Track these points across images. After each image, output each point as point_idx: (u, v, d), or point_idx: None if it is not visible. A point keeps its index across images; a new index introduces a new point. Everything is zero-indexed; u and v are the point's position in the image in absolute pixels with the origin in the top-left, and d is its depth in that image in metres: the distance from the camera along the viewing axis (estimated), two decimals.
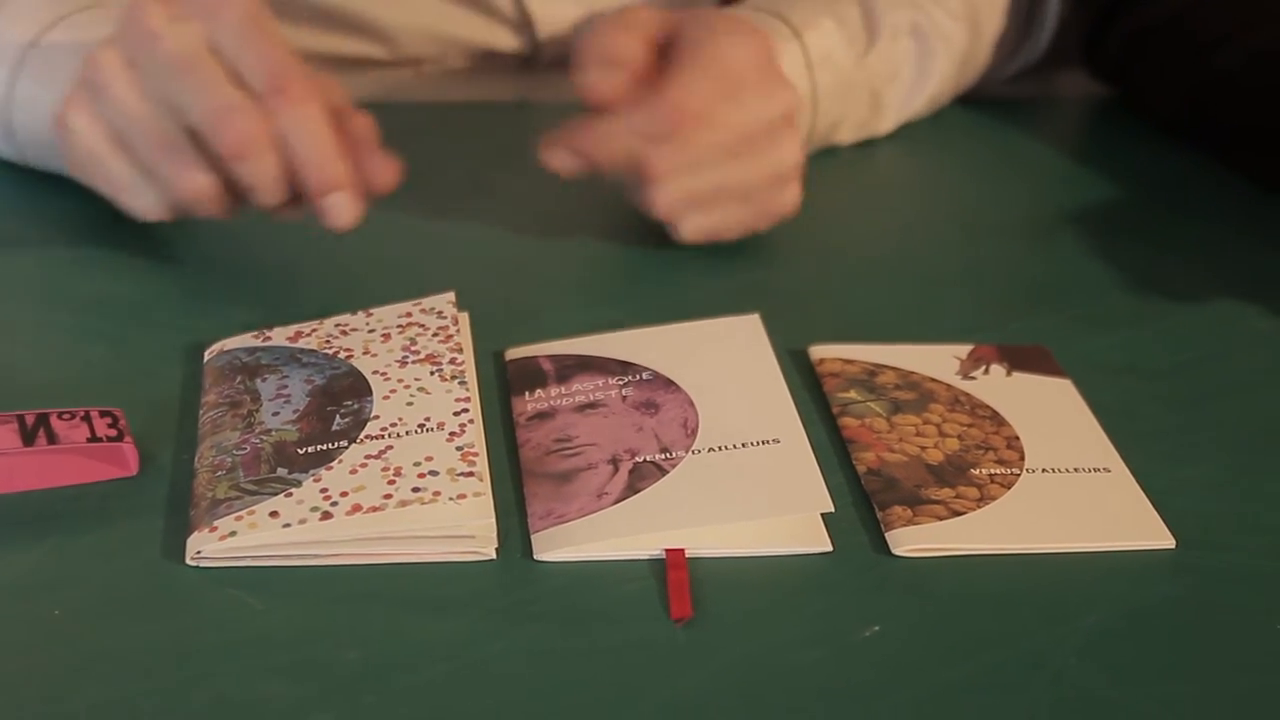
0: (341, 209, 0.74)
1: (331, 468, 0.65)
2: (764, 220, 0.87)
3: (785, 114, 0.85)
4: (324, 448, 0.66)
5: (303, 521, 0.63)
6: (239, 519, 0.63)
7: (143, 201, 0.77)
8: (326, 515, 0.63)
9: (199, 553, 0.62)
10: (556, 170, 0.83)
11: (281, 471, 0.65)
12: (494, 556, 0.64)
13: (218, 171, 0.75)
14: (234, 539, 0.62)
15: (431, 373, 0.71)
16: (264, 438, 0.67)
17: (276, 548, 0.63)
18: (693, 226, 0.86)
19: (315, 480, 0.65)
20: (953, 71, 1.04)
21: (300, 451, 0.66)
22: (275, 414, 0.69)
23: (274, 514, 0.63)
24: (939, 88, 1.04)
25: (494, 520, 0.64)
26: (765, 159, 0.85)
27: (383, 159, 0.77)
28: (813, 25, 0.95)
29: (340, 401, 0.69)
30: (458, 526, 0.64)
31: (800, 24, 0.94)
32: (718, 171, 0.84)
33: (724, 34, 0.82)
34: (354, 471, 0.65)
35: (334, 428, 0.68)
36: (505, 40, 1.08)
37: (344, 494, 0.64)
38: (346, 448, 0.66)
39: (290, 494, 0.64)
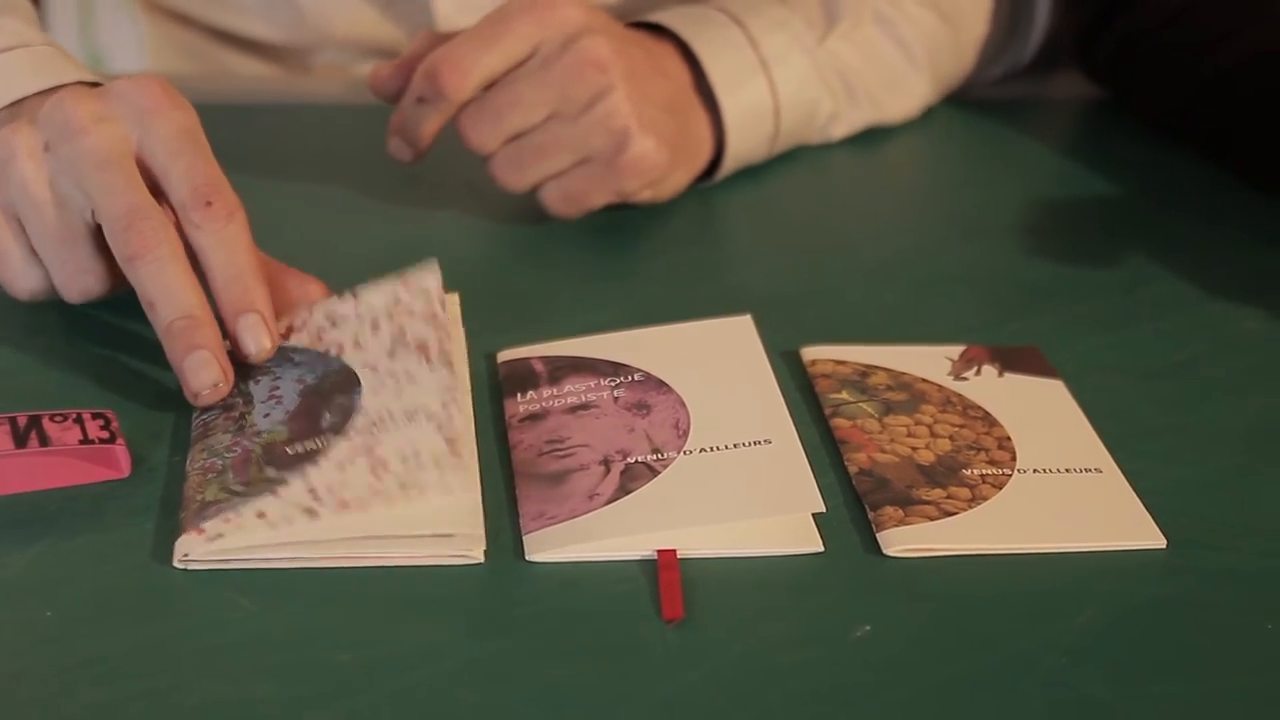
0: (255, 333, 0.71)
1: (318, 464, 0.65)
2: (625, 179, 0.87)
3: (567, 38, 0.85)
4: (312, 445, 0.66)
5: (289, 521, 0.63)
6: (226, 521, 0.63)
7: (23, 283, 0.75)
8: (312, 513, 0.63)
9: (186, 555, 0.62)
10: (396, 158, 0.89)
11: (270, 471, 0.65)
12: (482, 560, 0.64)
13: (112, 270, 0.73)
14: (221, 541, 0.62)
15: (419, 361, 0.71)
16: (255, 439, 0.67)
17: (265, 549, 0.63)
18: (547, 195, 0.87)
19: (303, 478, 0.65)
20: (930, 63, 1.02)
21: (289, 451, 0.66)
22: (266, 415, 0.69)
23: (261, 515, 0.63)
24: (920, 77, 1.02)
25: (482, 525, 0.65)
26: (574, 100, 0.84)
27: (306, 278, 0.76)
28: (756, 12, 0.94)
29: (330, 398, 0.69)
30: (447, 527, 0.64)
31: (741, 11, 0.94)
32: (522, 115, 0.85)
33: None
34: (340, 467, 0.65)
35: (322, 424, 0.68)
36: (405, 37, 1.09)
37: (329, 489, 0.64)
38: (333, 441, 0.66)
39: (276, 493, 0.64)
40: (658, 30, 0.92)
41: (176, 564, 0.63)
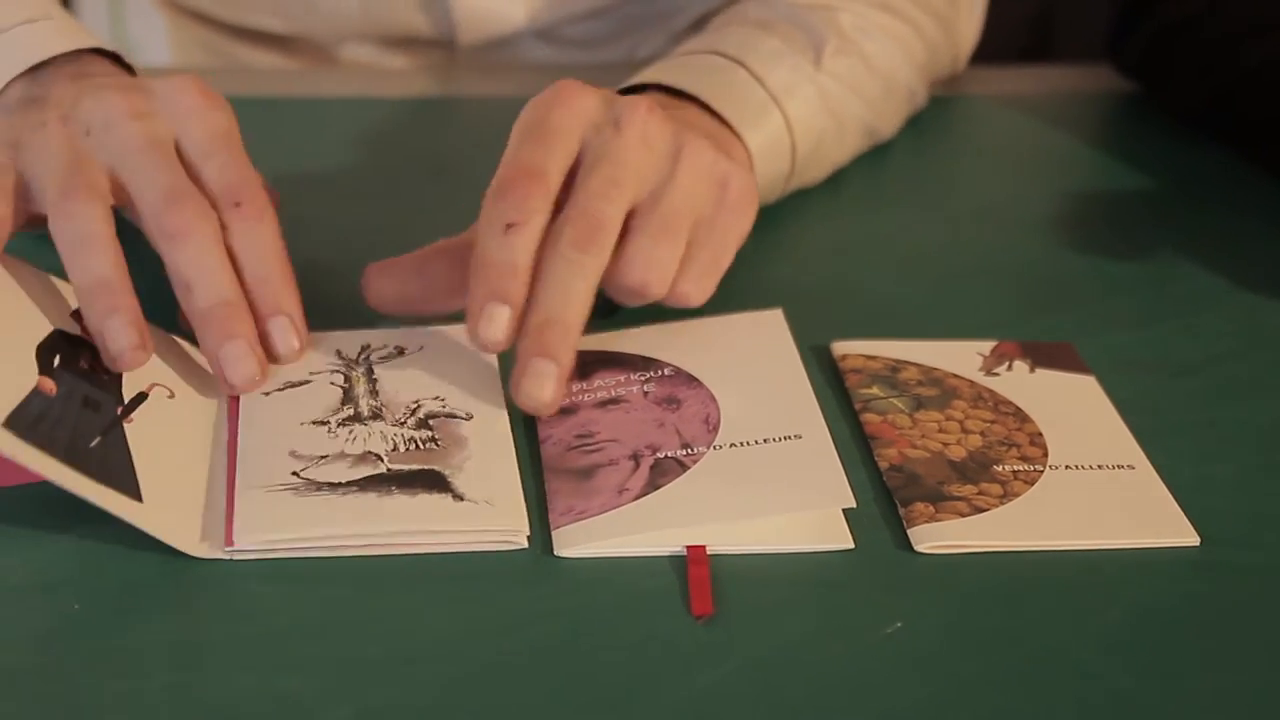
0: (285, 335, 0.71)
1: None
2: (741, 215, 0.78)
3: (612, 121, 0.74)
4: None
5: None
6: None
7: None
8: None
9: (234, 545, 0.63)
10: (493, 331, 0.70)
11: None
12: (525, 545, 0.64)
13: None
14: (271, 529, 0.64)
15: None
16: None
17: (312, 539, 0.63)
18: (683, 287, 0.75)
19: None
20: (906, 61, 0.98)
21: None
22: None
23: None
24: (910, 75, 0.99)
25: (524, 509, 0.65)
26: (661, 168, 0.74)
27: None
28: (750, 48, 0.89)
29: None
30: (488, 513, 0.65)
31: (737, 51, 0.89)
32: (613, 206, 0.72)
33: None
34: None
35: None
36: (422, 24, 1.09)
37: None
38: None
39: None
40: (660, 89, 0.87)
41: (223, 553, 0.63)
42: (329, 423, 0.69)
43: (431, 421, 0.70)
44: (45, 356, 0.67)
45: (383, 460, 0.67)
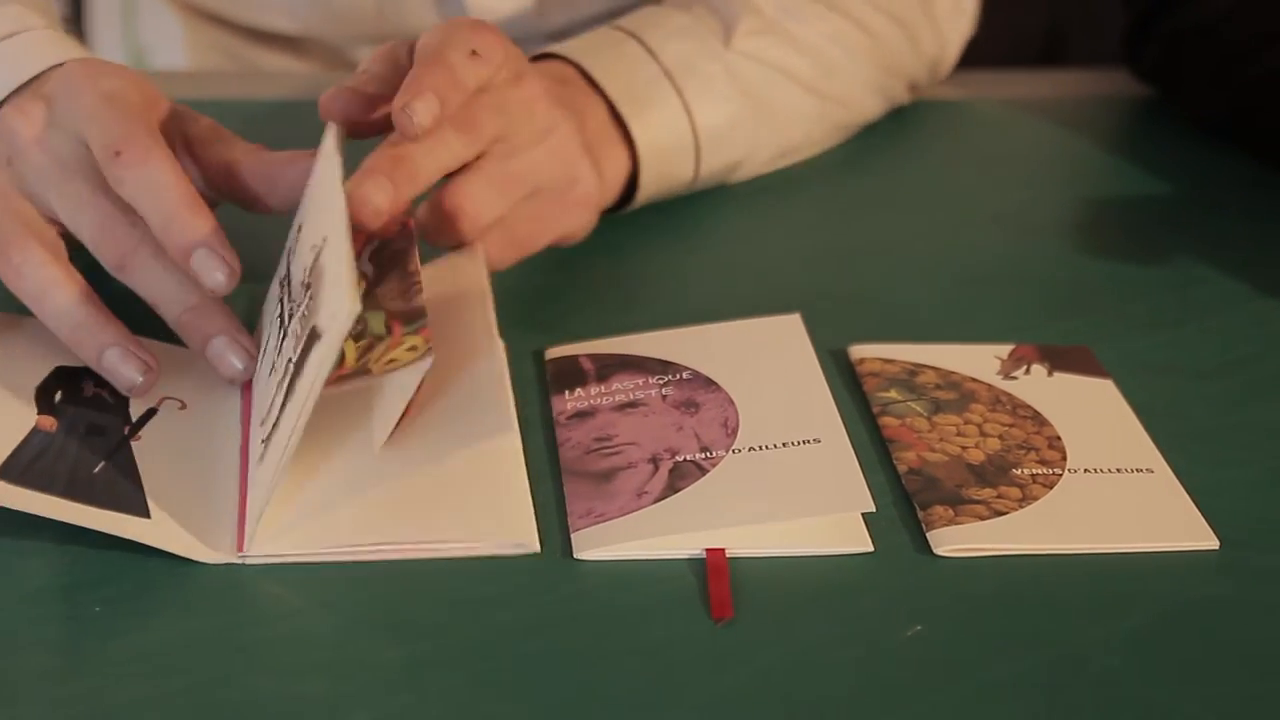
0: (207, 266, 0.67)
1: None
2: (573, 215, 0.81)
3: (514, 74, 0.77)
4: None
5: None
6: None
7: None
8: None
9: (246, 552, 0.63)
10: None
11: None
12: (538, 550, 0.64)
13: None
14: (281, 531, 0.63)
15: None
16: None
17: (322, 540, 0.63)
18: (490, 241, 0.77)
19: None
20: (849, 63, 0.96)
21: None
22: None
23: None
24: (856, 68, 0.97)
25: (532, 516, 0.65)
26: (525, 133, 0.77)
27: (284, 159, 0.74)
28: (655, 24, 0.89)
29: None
30: (496, 522, 0.64)
31: (636, 26, 0.89)
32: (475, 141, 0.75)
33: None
34: None
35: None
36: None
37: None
38: None
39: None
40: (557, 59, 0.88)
41: (236, 559, 0.63)
42: (275, 364, 0.67)
43: (310, 281, 0.66)
44: (45, 396, 0.68)
45: (292, 361, 0.64)
